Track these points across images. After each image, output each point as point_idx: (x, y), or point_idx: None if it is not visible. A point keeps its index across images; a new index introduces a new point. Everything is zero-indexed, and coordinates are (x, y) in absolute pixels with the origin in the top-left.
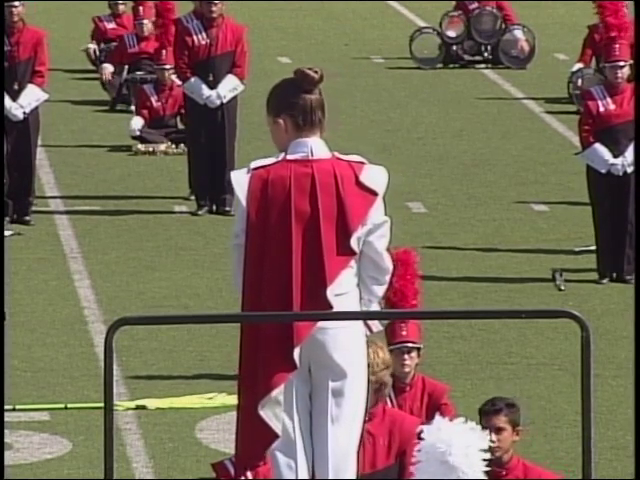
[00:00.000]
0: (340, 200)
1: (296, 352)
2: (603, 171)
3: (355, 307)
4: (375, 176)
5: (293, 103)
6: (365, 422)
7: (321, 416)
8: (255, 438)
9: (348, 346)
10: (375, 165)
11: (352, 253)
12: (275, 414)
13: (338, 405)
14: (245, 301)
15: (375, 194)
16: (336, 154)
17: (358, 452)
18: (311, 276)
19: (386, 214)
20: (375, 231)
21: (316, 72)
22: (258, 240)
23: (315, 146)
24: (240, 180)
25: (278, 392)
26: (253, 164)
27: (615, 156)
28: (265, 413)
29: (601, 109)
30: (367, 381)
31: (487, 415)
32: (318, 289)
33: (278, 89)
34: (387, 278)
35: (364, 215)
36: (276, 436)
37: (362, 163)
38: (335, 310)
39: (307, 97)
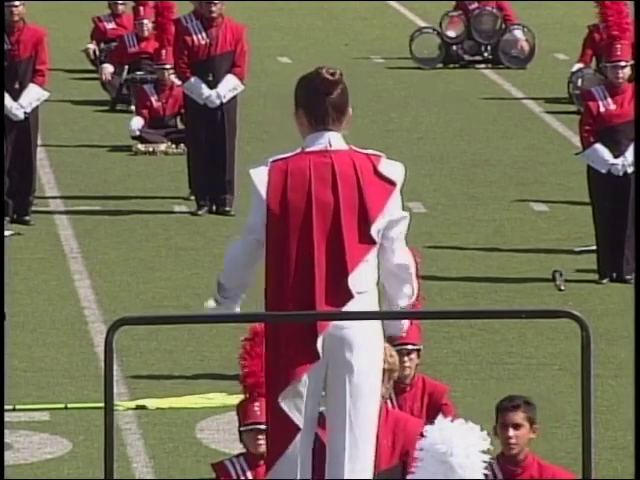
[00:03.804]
0: (360, 190)
1: (319, 342)
2: (603, 171)
3: (374, 306)
4: (392, 167)
5: (307, 102)
6: None
7: (339, 414)
8: (279, 432)
9: (368, 345)
10: (391, 159)
11: (372, 242)
12: (296, 406)
13: (356, 404)
14: (268, 293)
15: (393, 184)
16: (353, 147)
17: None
18: (333, 265)
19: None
20: (394, 227)
21: (332, 74)
22: (279, 231)
23: (333, 138)
24: (259, 173)
25: (300, 383)
26: (271, 158)
27: (615, 156)
28: (286, 405)
29: (602, 109)
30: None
31: (505, 411)
32: (340, 277)
33: (300, 83)
34: (409, 274)
35: (384, 205)
36: (298, 429)
37: (379, 155)
38: (351, 307)
39: (321, 98)
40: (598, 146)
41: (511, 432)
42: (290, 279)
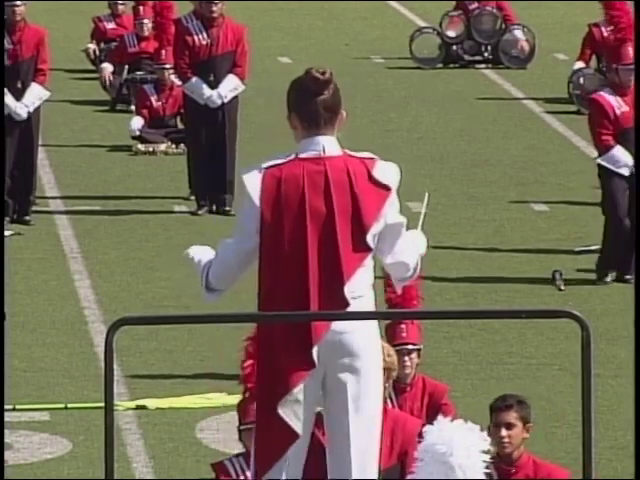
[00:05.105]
0: (354, 197)
1: (314, 350)
2: (627, 174)
3: (371, 309)
4: (387, 171)
5: (299, 104)
6: None
7: (341, 419)
8: (275, 438)
9: (367, 348)
10: (386, 161)
11: (368, 249)
12: (295, 413)
13: (358, 408)
14: (261, 301)
15: (388, 189)
16: (347, 151)
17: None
18: (328, 274)
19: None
20: (390, 232)
21: (323, 74)
22: (273, 239)
23: (327, 144)
24: (252, 179)
25: (298, 391)
26: (264, 163)
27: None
28: (284, 412)
29: (617, 112)
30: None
31: (498, 411)
32: (335, 287)
33: (292, 86)
34: (410, 273)
35: (379, 211)
36: (296, 435)
37: (373, 159)
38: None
39: (312, 99)
40: (618, 149)
41: (504, 432)
42: (284, 288)
